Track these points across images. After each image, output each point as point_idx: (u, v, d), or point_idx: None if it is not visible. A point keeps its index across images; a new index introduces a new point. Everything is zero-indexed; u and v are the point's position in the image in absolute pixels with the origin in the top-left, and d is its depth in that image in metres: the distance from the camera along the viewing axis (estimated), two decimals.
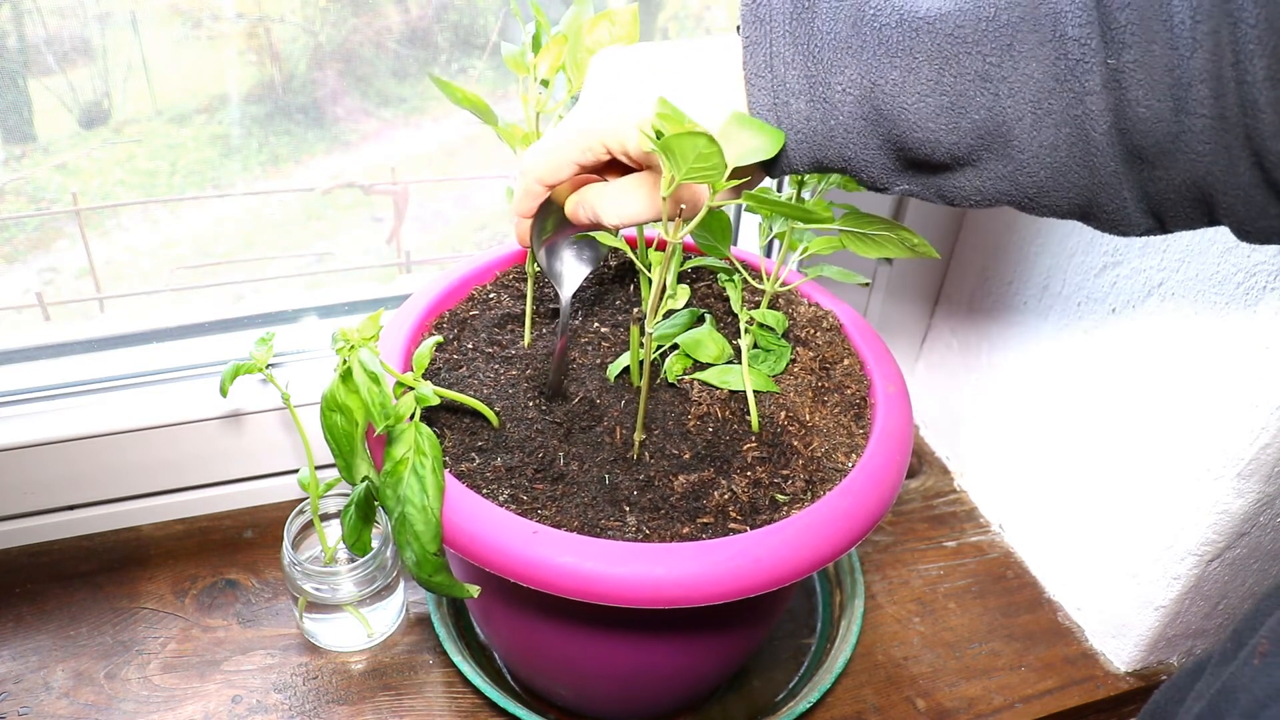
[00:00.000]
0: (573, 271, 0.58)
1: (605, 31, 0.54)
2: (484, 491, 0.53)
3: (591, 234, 0.55)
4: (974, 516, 0.90)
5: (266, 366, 0.64)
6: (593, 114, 0.46)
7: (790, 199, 0.56)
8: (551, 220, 0.53)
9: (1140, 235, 0.42)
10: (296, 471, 0.86)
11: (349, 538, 0.63)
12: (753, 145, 0.41)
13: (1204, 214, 0.40)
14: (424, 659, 0.74)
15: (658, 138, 0.40)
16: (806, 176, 0.58)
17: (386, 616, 0.75)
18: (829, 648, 0.74)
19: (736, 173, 0.43)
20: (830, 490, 0.54)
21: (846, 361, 0.64)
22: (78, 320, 0.90)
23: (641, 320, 0.67)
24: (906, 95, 0.40)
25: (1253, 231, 0.39)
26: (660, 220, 0.47)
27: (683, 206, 0.46)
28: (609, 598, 0.48)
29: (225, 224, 0.91)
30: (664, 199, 0.47)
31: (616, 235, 0.57)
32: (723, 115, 0.43)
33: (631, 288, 0.71)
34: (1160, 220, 0.41)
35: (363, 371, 0.51)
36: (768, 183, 0.87)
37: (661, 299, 0.51)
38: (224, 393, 0.61)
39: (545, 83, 0.56)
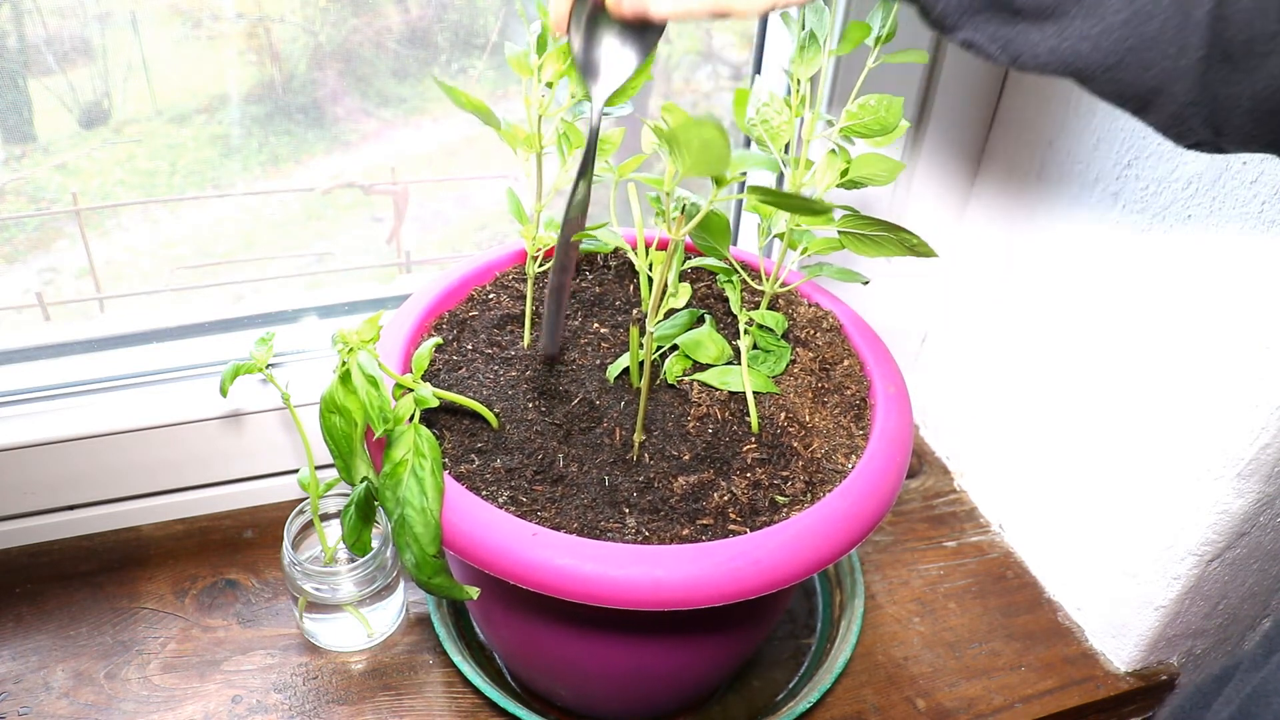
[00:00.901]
0: (615, 62, 0.47)
1: None
2: (483, 493, 0.53)
3: (645, 19, 0.47)
4: (974, 516, 0.90)
5: (266, 366, 0.64)
6: None
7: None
8: (586, 9, 0.47)
9: (1188, 146, 0.40)
10: (296, 471, 0.86)
11: (349, 538, 0.63)
12: None
13: (1271, 133, 0.38)
14: (424, 659, 0.74)
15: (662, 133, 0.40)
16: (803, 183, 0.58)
17: (386, 616, 0.75)
18: (829, 648, 0.74)
19: None
20: (830, 491, 0.54)
21: (846, 362, 0.64)
22: (78, 320, 0.90)
23: (641, 321, 0.67)
24: None
25: None
26: (714, 16, 0.43)
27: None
28: (609, 600, 0.48)
29: (225, 224, 0.91)
30: (666, 194, 0.47)
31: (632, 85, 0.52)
32: None
33: (631, 288, 0.71)
34: (1217, 132, 0.39)
35: (361, 374, 0.51)
36: (769, 180, 0.87)
37: (663, 298, 0.51)
38: (224, 393, 0.61)
39: (550, 85, 0.55)
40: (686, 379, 0.61)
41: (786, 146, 0.57)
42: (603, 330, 0.66)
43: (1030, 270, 0.80)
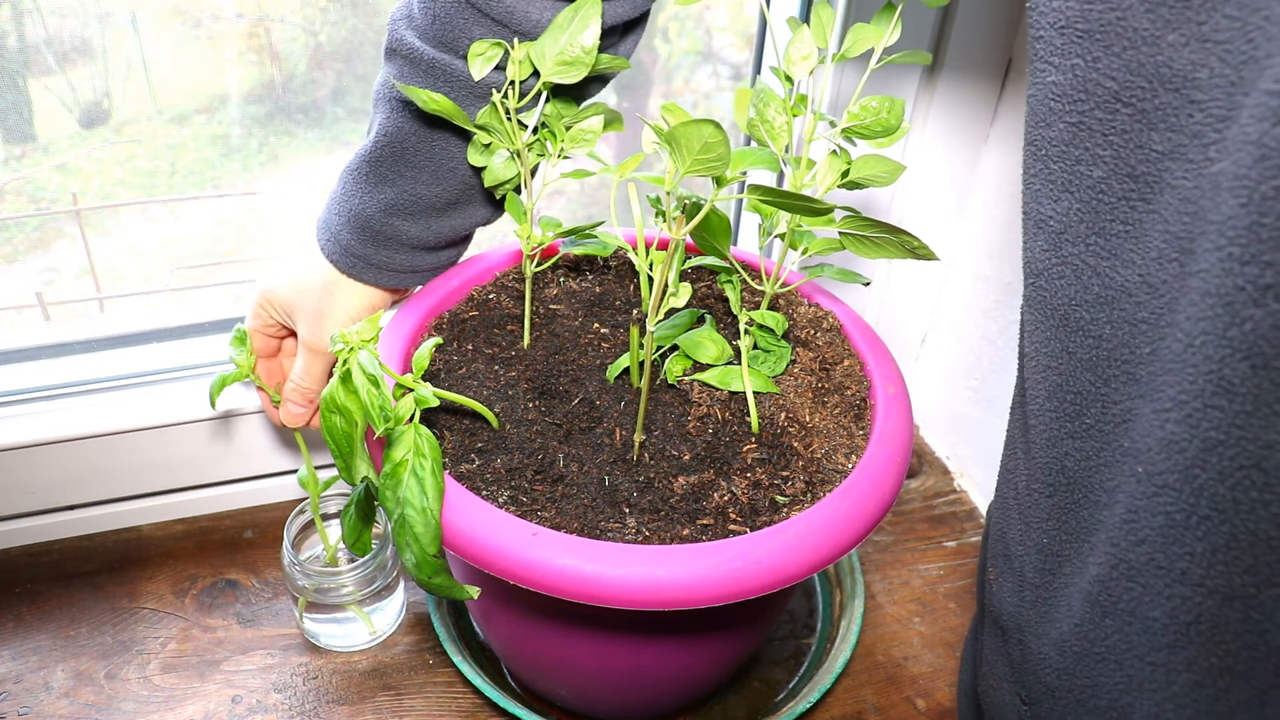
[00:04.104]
0: None
1: (567, 15, 0.54)
2: (484, 493, 0.53)
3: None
4: (974, 516, 0.90)
5: (253, 370, 0.64)
6: None
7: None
8: None
9: None
10: (295, 472, 0.86)
11: (349, 538, 0.63)
12: None
13: None
14: (424, 659, 0.74)
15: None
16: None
17: (386, 616, 0.75)
18: (829, 648, 0.74)
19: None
20: (830, 491, 0.54)
21: (846, 362, 0.64)
22: (78, 320, 0.90)
23: (642, 321, 0.67)
24: None
25: None
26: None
27: None
28: (609, 600, 0.48)
29: (225, 224, 0.91)
30: (667, 193, 0.47)
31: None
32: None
33: (631, 288, 0.71)
34: None
35: (362, 373, 0.51)
36: (769, 179, 0.87)
37: (663, 297, 0.51)
38: (213, 404, 0.61)
39: (513, 83, 0.57)
40: (686, 379, 0.61)
41: (787, 148, 0.57)
42: (603, 330, 0.66)
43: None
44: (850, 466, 0.56)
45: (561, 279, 0.72)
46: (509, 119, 0.57)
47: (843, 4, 0.77)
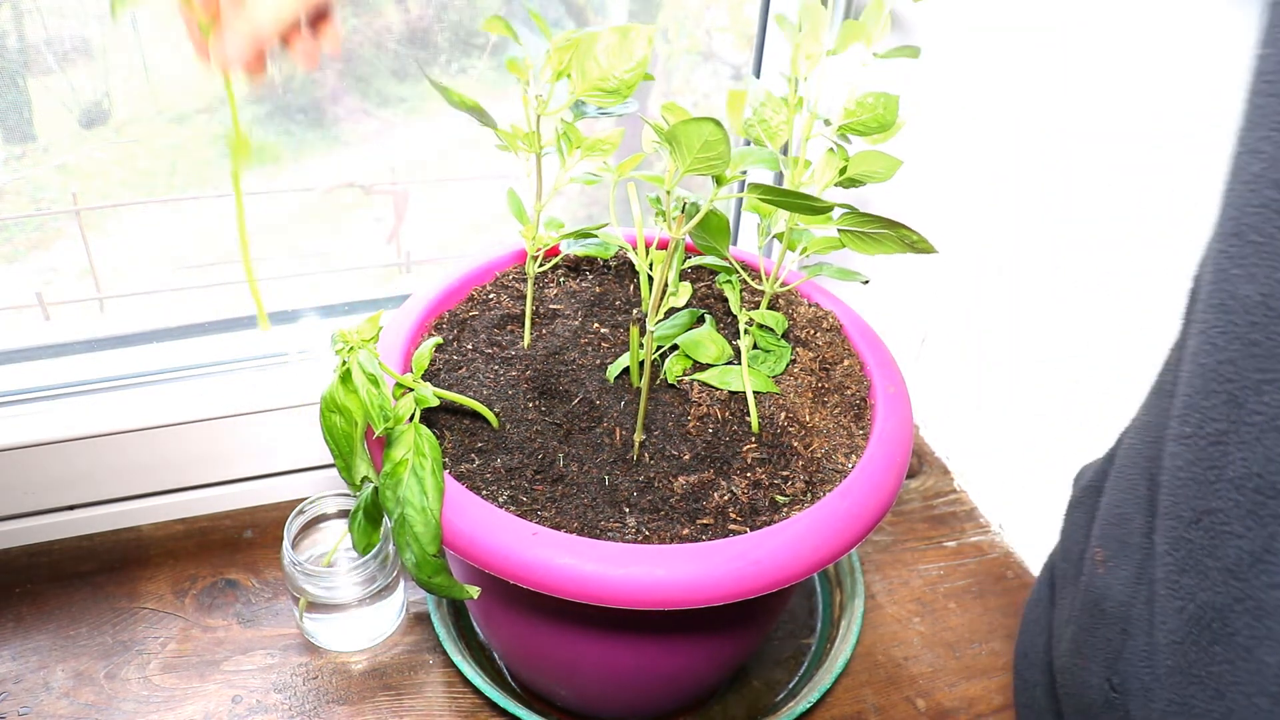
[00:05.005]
0: None
1: (616, 41, 0.53)
2: (484, 493, 0.53)
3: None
4: (974, 516, 0.90)
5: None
6: None
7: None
8: None
9: None
10: (296, 472, 0.86)
11: (360, 544, 0.63)
12: None
13: None
14: (424, 659, 0.74)
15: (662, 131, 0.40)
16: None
17: (386, 616, 0.75)
18: (829, 648, 0.74)
19: None
20: (830, 491, 0.54)
21: (846, 362, 0.64)
22: (78, 320, 0.90)
23: (642, 320, 0.67)
24: None
25: None
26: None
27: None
28: (609, 599, 0.48)
29: (225, 224, 0.91)
30: (666, 192, 0.47)
31: None
32: None
33: (631, 288, 0.71)
34: None
35: (362, 373, 0.51)
36: (768, 179, 0.87)
37: (663, 297, 0.51)
38: (114, 17, 0.52)
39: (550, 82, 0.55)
40: (686, 379, 0.61)
41: (785, 148, 0.57)
42: (603, 330, 0.66)
43: (1028, 258, 0.81)
44: (850, 466, 0.56)
45: (562, 279, 0.72)
46: (534, 127, 0.57)
47: (836, 4, 0.78)
